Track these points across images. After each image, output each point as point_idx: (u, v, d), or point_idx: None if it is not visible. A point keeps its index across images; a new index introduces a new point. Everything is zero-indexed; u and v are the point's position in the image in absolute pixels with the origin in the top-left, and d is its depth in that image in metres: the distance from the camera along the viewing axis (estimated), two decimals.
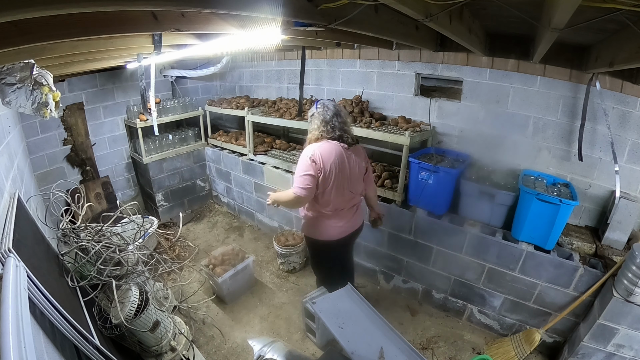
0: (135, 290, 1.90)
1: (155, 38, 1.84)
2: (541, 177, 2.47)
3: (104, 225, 2.14)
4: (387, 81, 3.18)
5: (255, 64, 4.33)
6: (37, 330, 1.11)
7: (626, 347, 1.91)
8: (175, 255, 3.42)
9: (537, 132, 2.51)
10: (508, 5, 1.51)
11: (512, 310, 2.46)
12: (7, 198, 1.61)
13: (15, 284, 1.01)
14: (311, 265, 2.71)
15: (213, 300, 2.88)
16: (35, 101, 1.82)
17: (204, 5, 1.14)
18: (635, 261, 1.75)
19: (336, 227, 2.19)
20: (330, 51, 3.47)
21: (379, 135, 2.74)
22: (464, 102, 2.78)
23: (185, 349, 2.15)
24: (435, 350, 2.45)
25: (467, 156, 2.76)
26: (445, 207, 2.65)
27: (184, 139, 4.19)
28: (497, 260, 2.40)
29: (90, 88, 3.71)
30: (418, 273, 2.85)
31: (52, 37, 1.21)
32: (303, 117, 3.25)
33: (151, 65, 2.61)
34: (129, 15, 1.33)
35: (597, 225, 2.44)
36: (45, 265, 1.60)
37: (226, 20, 1.57)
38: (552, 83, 2.37)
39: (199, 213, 4.43)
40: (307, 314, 2.43)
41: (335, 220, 2.17)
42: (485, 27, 2.30)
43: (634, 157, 2.20)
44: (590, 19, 1.32)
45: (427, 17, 1.39)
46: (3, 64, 1.60)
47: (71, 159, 3.71)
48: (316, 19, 1.49)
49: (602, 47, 1.86)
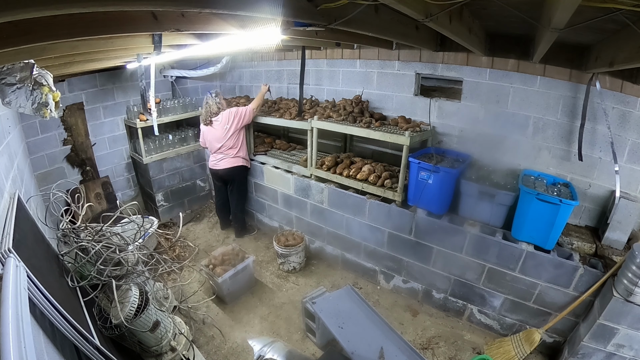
0: (135, 290, 1.90)
1: (155, 38, 1.84)
2: (541, 177, 2.47)
3: (104, 226, 2.14)
4: (387, 81, 3.18)
5: (255, 64, 4.33)
6: (37, 330, 1.11)
7: (626, 347, 1.91)
8: (175, 255, 3.42)
9: (537, 132, 2.51)
10: (508, 5, 1.51)
11: (512, 310, 2.46)
12: (7, 198, 1.61)
13: (15, 284, 1.01)
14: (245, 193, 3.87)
15: (213, 300, 2.88)
16: (35, 101, 1.82)
17: (204, 5, 1.14)
18: (635, 261, 1.75)
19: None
20: (330, 51, 3.48)
21: (378, 135, 2.74)
22: (464, 102, 2.78)
23: (185, 349, 2.15)
24: (435, 350, 2.45)
25: (467, 156, 2.76)
26: (445, 207, 2.65)
27: (184, 139, 4.19)
28: (497, 260, 2.40)
29: (90, 88, 3.71)
30: (418, 273, 2.85)
31: (52, 37, 1.21)
32: (303, 117, 3.26)
33: (151, 65, 2.61)
34: (129, 15, 1.33)
35: (597, 225, 2.44)
36: (45, 265, 1.60)
37: (226, 20, 1.57)
38: (552, 83, 2.37)
39: (199, 213, 4.43)
40: (307, 314, 2.43)
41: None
42: (485, 27, 2.30)
43: (634, 157, 2.20)
44: (590, 19, 1.32)
45: (427, 17, 1.39)
46: (3, 64, 1.60)
47: (71, 159, 3.71)
48: (316, 19, 1.50)
49: (602, 47, 1.86)
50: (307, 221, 3.47)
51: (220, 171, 3.57)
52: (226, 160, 3.50)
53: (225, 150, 3.46)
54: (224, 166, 3.52)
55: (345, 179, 3.00)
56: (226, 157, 3.49)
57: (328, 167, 3.11)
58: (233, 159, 3.50)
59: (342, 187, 3.07)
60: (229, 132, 3.38)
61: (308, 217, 3.43)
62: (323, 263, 3.45)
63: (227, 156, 3.49)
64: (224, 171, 3.56)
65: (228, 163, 3.50)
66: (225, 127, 3.36)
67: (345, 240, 3.22)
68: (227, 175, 3.61)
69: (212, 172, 3.71)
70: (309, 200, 3.34)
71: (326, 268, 3.39)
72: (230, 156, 3.49)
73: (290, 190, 3.48)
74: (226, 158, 3.49)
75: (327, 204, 3.21)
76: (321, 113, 3.20)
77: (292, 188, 3.45)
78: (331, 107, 3.29)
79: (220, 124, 3.38)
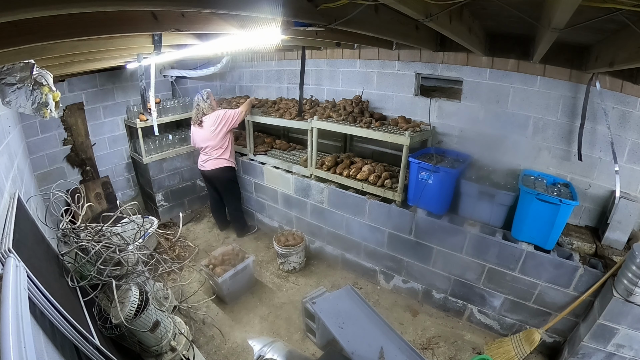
0: (135, 290, 1.90)
1: (155, 38, 1.84)
2: (541, 177, 2.47)
3: (104, 225, 2.14)
4: (387, 81, 3.18)
5: (255, 64, 4.33)
6: (37, 330, 1.11)
7: (626, 347, 1.91)
8: (175, 255, 3.42)
9: (537, 132, 2.51)
10: (508, 5, 1.51)
11: (512, 310, 2.46)
12: (7, 198, 1.61)
13: (15, 284, 1.01)
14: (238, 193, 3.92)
15: (213, 300, 2.88)
16: (35, 101, 1.82)
17: (204, 5, 1.14)
18: (635, 261, 1.75)
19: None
20: (330, 51, 3.48)
21: (378, 135, 2.74)
22: (464, 102, 2.78)
23: (185, 349, 2.15)
24: (435, 350, 2.45)
25: (467, 156, 2.76)
26: (445, 207, 2.65)
27: (184, 139, 4.18)
28: (497, 260, 2.40)
29: (90, 88, 3.71)
30: (418, 273, 2.85)
31: (52, 37, 1.21)
32: (303, 117, 3.26)
33: (151, 65, 2.61)
34: (129, 15, 1.33)
35: (597, 225, 2.44)
36: (45, 265, 1.60)
37: (226, 20, 1.57)
38: (552, 83, 2.37)
39: (199, 213, 4.43)
40: (307, 314, 2.43)
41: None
42: (485, 27, 2.30)
43: (634, 157, 2.20)
44: (590, 18, 1.32)
45: (427, 17, 1.39)
46: (3, 64, 1.60)
47: (71, 159, 3.71)
48: (316, 19, 1.49)
49: (602, 47, 1.86)
50: (307, 221, 3.47)
51: (207, 172, 3.62)
52: (211, 162, 3.53)
53: (210, 150, 3.49)
54: (209, 167, 3.56)
55: (345, 179, 3.00)
56: (210, 159, 3.53)
57: (328, 167, 3.12)
58: (217, 160, 3.52)
59: (342, 187, 3.07)
60: (215, 133, 3.41)
61: (308, 217, 3.43)
62: (323, 263, 3.45)
63: (212, 157, 3.52)
64: (210, 172, 3.60)
65: (212, 164, 3.54)
66: (212, 128, 3.39)
67: (345, 240, 3.22)
68: (213, 177, 3.64)
69: (201, 172, 3.75)
70: (309, 200, 3.34)
71: (326, 268, 3.39)
72: (214, 157, 3.51)
73: (290, 190, 3.48)
74: (210, 159, 3.53)
75: (327, 204, 3.21)
76: (321, 113, 3.20)
77: (292, 188, 3.45)
78: (331, 107, 3.29)
79: (208, 124, 3.41)
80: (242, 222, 3.92)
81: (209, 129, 3.40)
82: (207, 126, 3.41)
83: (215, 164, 3.53)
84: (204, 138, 3.46)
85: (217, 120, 3.38)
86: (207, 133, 3.41)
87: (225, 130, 3.43)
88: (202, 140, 3.48)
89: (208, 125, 3.40)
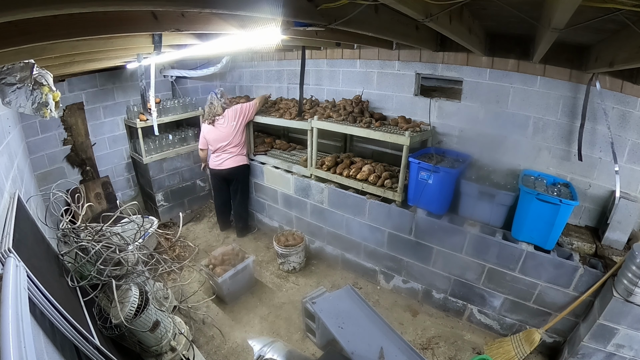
0: (135, 290, 1.90)
1: (155, 38, 1.84)
2: (541, 177, 2.47)
3: (104, 225, 2.14)
4: (387, 81, 3.18)
5: (255, 64, 4.33)
6: (37, 330, 1.11)
7: (626, 347, 1.91)
8: (175, 255, 3.42)
9: (537, 132, 2.51)
10: (508, 5, 1.51)
11: (512, 310, 2.46)
12: (7, 198, 1.61)
13: (15, 284, 1.01)
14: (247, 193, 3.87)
15: (213, 300, 2.88)
16: (35, 101, 1.82)
17: (204, 5, 1.14)
18: (635, 261, 1.75)
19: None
20: (330, 51, 3.47)
21: (379, 135, 2.74)
22: (464, 102, 2.78)
23: (185, 349, 2.15)
24: (435, 350, 2.45)
25: (467, 156, 2.76)
26: (445, 207, 2.65)
27: (184, 139, 4.19)
28: (497, 260, 2.40)
29: (90, 88, 3.71)
30: (418, 273, 2.85)
31: (52, 37, 1.21)
32: (303, 117, 3.26)
33: (151, 65, 2.62)
34: (129, 15, 1.33)
35: (597, 225, 2.44)
36: (45, 265, 1.60)
37: (226, 20, 1.57)
38: (552, 83, 2.37)
39: (199, 213, 4.43)
40: (307, 314, 2.43)
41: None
42: (485, 27, 2.30)
43: (634, 157, 2.20)
44: (590, 19, 1.32)
45: (427, 17, 1.39)
46: (3, 64, 1.60)
47: (71, 159, 3.71)
48: (316, 19, 1.49)
49: (602, 47, 1.86)
50: (307, 221, 3.47)
51: (224, 171, 3.58)
52: (231, 159, 3.52)
53: (231, 148, 3.48)
54: (228, 165, 3.53)
55: (345, 179, 3.00)
56: (231, 156, 3.51)
57: (328, 167, 3.12)
58: (238, 157, 3.54)
59: (342, 187, 3.07)
60: (236, 129, 3.41)
61: (308, 217, 3.43)
62: (323, 263, 3.45)
63: (232, 155, 3.51)
64: (228, 170, 3.57)
65: (233, 162, 3.53)
66: (233, 123, 3.39)
67: (345, 240, 3.22)
68: (231, 175, 3.62)
69: (215, 172, 3.68)
70: (309, 200, 3.34)
71: (326, 268, 3.39)
72: (234, 154, 3.51)
73: (290, 190, 3.48)
74: (231, 157, 3.51)
75: (327, 204, 3.21)
76: (321, 113, 3.20)
77: (292, 188, 3.45)
78: (331, 107, 3.29)
79: (227, 121, 3.40)
80: (246, 222, 3.93)
81: (228, 125, 3.40)
82: (225, 123, 3.40)
83: (237, 160, 3.54)
84: (222, 136, 3.43)
85: (236, 115, 3.39)
86: (227, 130, 3.41)
87: (244, 123, 3.46)
88: (217, 140, 3.46)
89: (227, 122, 3.40)
